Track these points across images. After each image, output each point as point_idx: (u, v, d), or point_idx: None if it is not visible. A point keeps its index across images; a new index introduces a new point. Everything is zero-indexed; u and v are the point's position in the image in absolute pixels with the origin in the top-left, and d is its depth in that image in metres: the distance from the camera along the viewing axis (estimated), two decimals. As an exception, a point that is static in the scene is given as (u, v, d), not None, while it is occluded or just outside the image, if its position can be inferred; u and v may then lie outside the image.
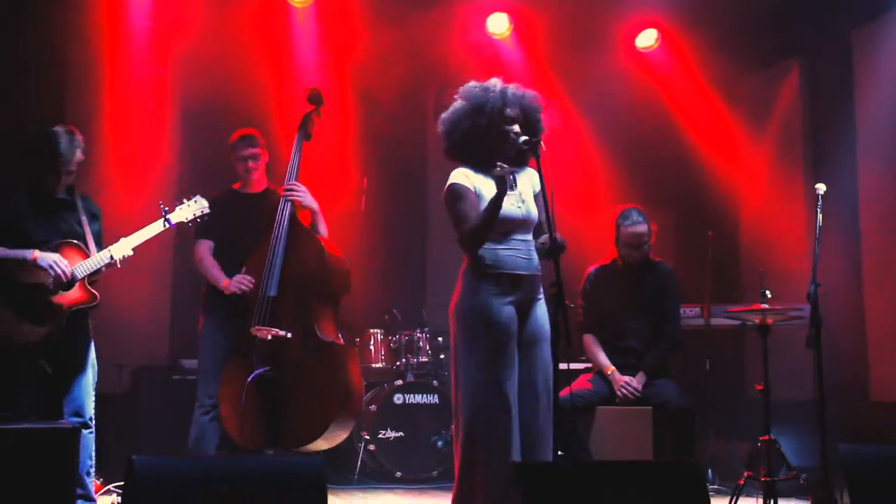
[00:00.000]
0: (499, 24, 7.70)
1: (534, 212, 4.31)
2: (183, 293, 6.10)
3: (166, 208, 4.97)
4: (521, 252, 4.23)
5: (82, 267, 4.79)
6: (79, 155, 4.84)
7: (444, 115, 4.31)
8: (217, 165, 6.76)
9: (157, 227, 4.93)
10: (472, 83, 4.30)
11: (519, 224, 4.26)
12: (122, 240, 4.88)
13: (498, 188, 4.06)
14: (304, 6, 7.35)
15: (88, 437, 4.80)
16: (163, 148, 7.28)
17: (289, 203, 5.17)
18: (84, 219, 4.91)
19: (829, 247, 5.12)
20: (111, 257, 4.81)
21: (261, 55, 7.29)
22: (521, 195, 4.30)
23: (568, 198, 4.61)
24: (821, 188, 5.08)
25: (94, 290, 4.83)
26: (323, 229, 5.27)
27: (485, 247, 4.18)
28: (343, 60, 7.46)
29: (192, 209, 5.03)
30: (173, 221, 4.97)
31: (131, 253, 4.86)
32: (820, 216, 5.01)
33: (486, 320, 4.14)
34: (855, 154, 7.15)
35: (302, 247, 5.13)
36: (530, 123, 4.27)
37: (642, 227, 5.61)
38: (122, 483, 5.07)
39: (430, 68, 7.56)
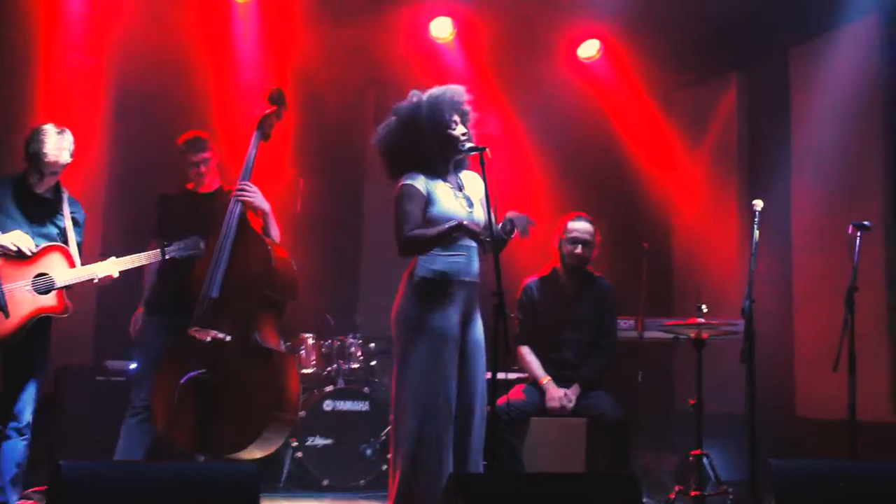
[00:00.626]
0: (442, 29, 7.69)
1: (481, 217, 4.32)
2: (109, 293, 5.99)
3: (166, 243, 4.96)
4: (466, 258, 4.27)
5: (65, 276, 4.74)
6: (66, 156, 4.77)
7: (381, 139, 4.35)
8: (150, 158, 6.77)
9: (151, 257, 4.94)
10: (401, 104, 4.35)
11: None
12: (112, 259, 4.85)
13: (466, 233, 4.15)
14: (246, 2, 7.27)
15: (20, 444, 4.73)
16: (94, 138, 7.07)
17: (239, 203, 5.09)
18: (69, 223, 4.85)
19: (761, 262, 5.16)
20: (96, 275, 4.78)
21: (200, 49, 7.18)
22: (469, 199, 4.36)
23: (505, 206, 4.51)
24: (758, 204, 5.11)
25: (68, 302, 4.77)
26: (275, 233, 5.19)
27: (433, 251, 4.22)
28: (284, 58, 7.38)
29: (188, 249, 4.97)
30: (168, 255, 4.95)
31: (116, 275, 4.84)
32: (756, 232, 5.04)
33: (430, 327, 4.16)
34: (789, 170, 7.25)
35: (249, 249, 5.04)
36: (463, 120, 4.35)
37: (589, 226, 5.67)
38: (43, 487, 5.06)
39: (371, 70, 7.54)
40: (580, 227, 5.68)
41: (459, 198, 4.31)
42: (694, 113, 8.13)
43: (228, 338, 4.87)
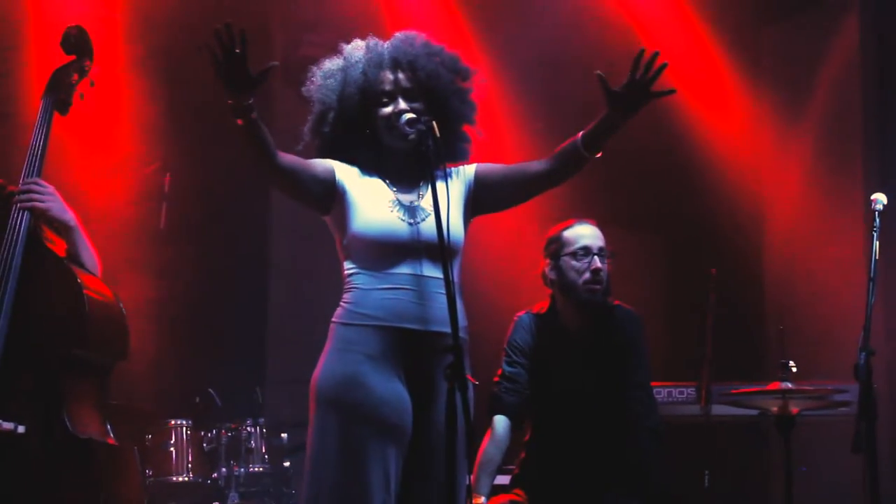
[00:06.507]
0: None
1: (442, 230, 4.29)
2: None
3: None
4: (412, 294, 4.23)
5: None
6: None
7: (312, 83, 4.44)
8: None
9: None
10: (358, 41, 4.44)
11: (407, 248, 4.26)
12: None
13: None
14: None
15: None
16: None
17: (26, 213, 4.95)
18: None
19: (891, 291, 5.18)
20: None
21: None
22: (421, 210, 4.38)
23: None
24: (879, 201, 5.10)
25: None
26: (88, 259, 5.07)
27: (356, 284, 4.26)
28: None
29: None
30: None
31: None
32: (876, 244, 4.97)
33: (351, 399, 4.15)
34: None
35: (47, 284, 4.92)
36: (439, 98, 4.34)
37: (596, 231, 5.48)
38: None
39: (276, 11, 7.95)
40: (586, 231, 5.49)
41: (399, 205, 4.33)
42: (791, 61, 8.25)
43: (21, 428, 4.73)
